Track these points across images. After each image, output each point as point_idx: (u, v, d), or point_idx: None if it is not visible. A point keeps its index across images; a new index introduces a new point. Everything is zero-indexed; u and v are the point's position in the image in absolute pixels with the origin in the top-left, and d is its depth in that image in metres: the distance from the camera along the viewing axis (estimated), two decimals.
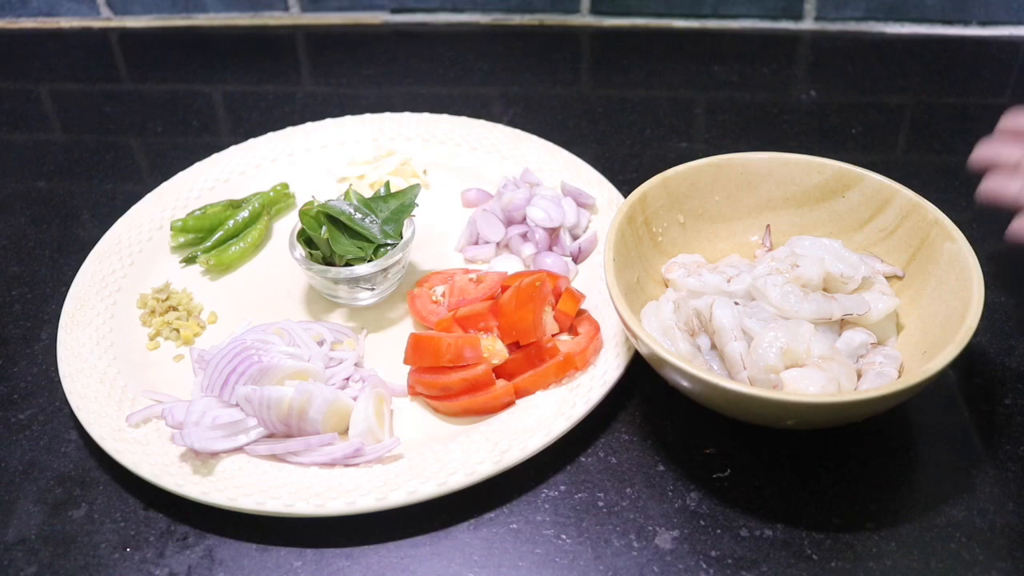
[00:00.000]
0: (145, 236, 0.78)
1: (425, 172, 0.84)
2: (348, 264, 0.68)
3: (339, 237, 0.67)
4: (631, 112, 0.94)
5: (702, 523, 0.56)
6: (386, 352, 0.67)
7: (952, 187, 0.81)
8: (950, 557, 0.53)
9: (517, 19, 1.10)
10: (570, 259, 0.73)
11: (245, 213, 0.78)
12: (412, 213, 0.70)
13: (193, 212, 0.79)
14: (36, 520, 0.58)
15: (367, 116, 0.90)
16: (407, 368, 0.64)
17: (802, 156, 0.68)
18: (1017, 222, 0.63)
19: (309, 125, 0.90)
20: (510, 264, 0.73)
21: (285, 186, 0.81)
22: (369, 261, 0.68)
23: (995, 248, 0.73)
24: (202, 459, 0.58)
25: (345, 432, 0.60)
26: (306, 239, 0.69)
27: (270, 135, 0.89)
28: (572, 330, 0.65)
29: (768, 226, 0.69)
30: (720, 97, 0.96)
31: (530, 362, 0.62)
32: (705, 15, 1.07)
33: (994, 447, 0.59)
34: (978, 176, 0.67)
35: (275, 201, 0.80)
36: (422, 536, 0.56)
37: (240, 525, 0.56)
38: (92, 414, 0.61)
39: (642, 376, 0.63)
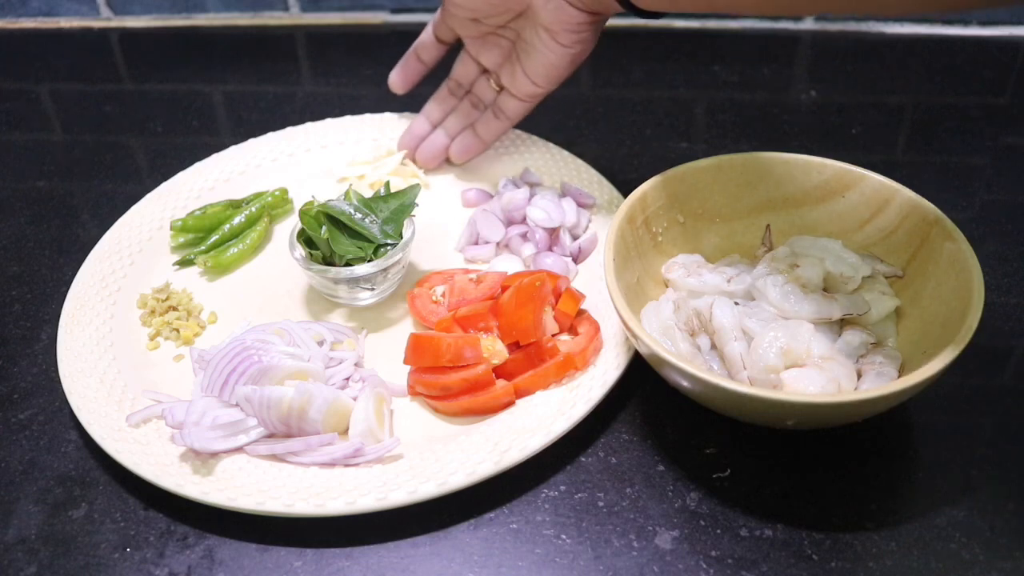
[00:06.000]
0: (145, 236, 0.78)
1: (425, 172, 0.84)
2: (348, 264, 0.68)
3: (339, 237, 0.67)
4: (631, 112, 0.94)
5: (702, 523, 0.56)
6: (386, 352, 0.67)
7: (952, 187, 0.81)
8: (950, 557, 0.53)
9: None
10: (570, 259, 0.73)
11: (244, 215, 0.78)
12: (412, 213, 0.70)
13: (193, 212, 0.78)
14: (36, 520, 0.58)
15: (367, 116, 0.90)
16: (407, 368, 0.64)
17: (802, 156, 0.68)
18: None
19: (309, 125, 0.90)
20: (510, 264, 0.73)
21: (284, 191, 0.81)
22: (369, 261, 0.68)
23: (995, 248, 0.73)
24: (202, 459, 0.58)
25: (345, 432, 0.60)
26: (306, 239, 0.69)
27: (270, 135, 0.89)
28: (572, 330, 0.65)
29: (768, 226, 0.69)
30: (720, 97, 0.96)
31: (530, 362, 0.62)
32: (705, 15, 1.07)
33: (994, 447, 0.59)
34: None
35: (274, 206, 0.80)
36: (422, 536, 0.56)
37: (240, 525, 0.56)
38: (92, 414, 0.61)
39: (642, 376, 0.63)
